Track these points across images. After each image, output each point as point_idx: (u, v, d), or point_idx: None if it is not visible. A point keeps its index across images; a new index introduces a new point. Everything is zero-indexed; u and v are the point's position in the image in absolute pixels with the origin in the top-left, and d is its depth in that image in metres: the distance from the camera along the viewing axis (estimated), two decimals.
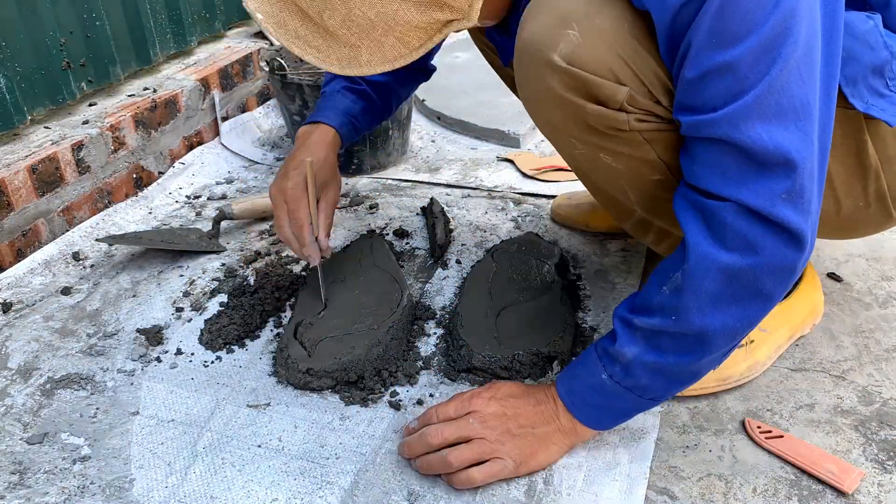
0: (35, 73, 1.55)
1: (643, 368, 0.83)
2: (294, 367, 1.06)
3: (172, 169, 1.76)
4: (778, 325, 1.09)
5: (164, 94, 1.74)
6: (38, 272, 1.37)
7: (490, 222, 1.51)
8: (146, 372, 1.12)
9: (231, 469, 0.94)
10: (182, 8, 1.93)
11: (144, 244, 1.41)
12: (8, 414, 1.04)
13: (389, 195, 1.65)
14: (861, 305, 1.22)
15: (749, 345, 1.05)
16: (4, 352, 1.17)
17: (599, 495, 0.88)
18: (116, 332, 1.21)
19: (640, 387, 0.85)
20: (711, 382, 1.03)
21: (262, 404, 1.04)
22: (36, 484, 0.93)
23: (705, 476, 0.92)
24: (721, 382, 1.03)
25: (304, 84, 1.62)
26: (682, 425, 1.00)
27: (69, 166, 1.50)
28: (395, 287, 1.23)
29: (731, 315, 0.79)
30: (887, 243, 1.38)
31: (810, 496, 0.88)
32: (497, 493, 0.89)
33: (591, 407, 0.89)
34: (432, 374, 1.09)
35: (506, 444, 0.88)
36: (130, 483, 0.92)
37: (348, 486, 0.91)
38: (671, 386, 0.86)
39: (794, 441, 0.95)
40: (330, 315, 1.16)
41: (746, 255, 0.77)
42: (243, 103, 2.03)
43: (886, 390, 1.04)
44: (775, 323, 1.08)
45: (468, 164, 1.79)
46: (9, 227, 1.39)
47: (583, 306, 1.23)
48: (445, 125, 2.01)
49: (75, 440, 0.99)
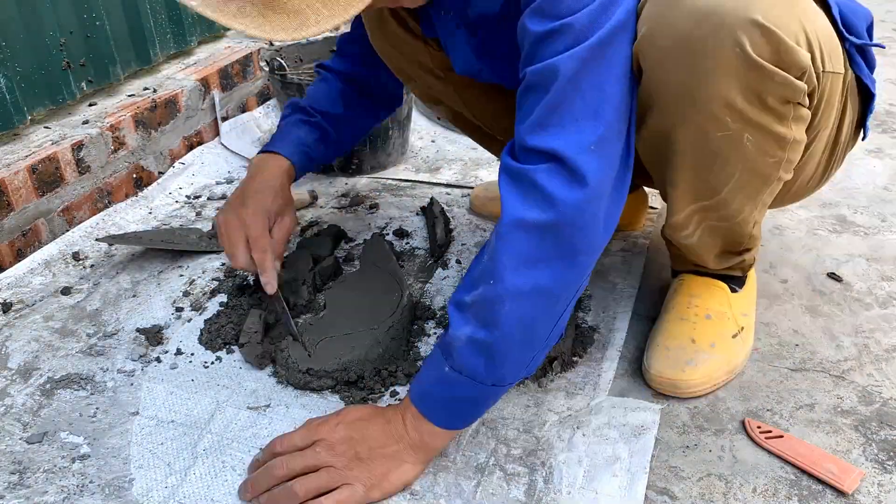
0: (35, 73, 1.55)
1: (475, 348, 0.82)
2: (294, 367, 1.06)
3: (172, 169, 1.76)
4: (750, 306, 1.14)
5: (164, 94, 1.74)
6: (38, 272, 1.37)
7: (490, 222, 1.51)
8: (146, 372, 1.11)
9: (231, 472, 0.93)
10: (182, 8, 1.93)
11: (144, 244, 1.42)
12: (8, 414, 1.04)
13: (389, 195, 1.65)
14: (861, 305, 1.22)
15: (741, 332, 1.08)
16: (4, 352, 1.17)
17: (600, 492, 0.88)
18: (116, 332, 1.21)
19: (478, 371, 0.83)
20: (722, 377, 1.04)
21: (263, 406, 1.04)
22: (35, 483, 0.93)
23: (705, 476, 0.92)
24: (729, 374, 1.05)
25: (305, 84, 1.62)
26: (682, 425, 1.00)
27: (69, 166, 1.49)
28: (395, 287, 1.23)
29: (543, 274, 0.80)
30: (887, 243, 1.38)
31: (810, 496, 0.88)
32: (497, 493, 0.89)
33: (440, 404, 0.86)
34: None
35: (353, 469, 0.86)
36: (130, 483, 0.92)
37: None
38: (507, 366, 0.83)
39: (793, 441, 0.95)
40: (330, 315, 1.16)
41: (547, 210, 0.79)
42: (243, 103, 2.03)
43: (886, 390, 1.04)
44: (748, 304, 1.13)
45: (468, 163, 1.79)
46: (9, 227, 1.39)
47: (583, 306, 1.23)
48: (445, 125, 2.01)
49: (74, 439, 0.99)
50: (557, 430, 0.98)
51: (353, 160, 1.74)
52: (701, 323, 1.08)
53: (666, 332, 1.08)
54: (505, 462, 0.93)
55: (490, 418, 1.00)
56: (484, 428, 0.99)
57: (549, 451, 0.95)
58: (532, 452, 0.95)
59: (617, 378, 1.08)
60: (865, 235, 1.41)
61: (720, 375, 1.04)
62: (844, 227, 1.45)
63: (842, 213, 1.49)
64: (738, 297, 1.12)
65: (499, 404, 1.02)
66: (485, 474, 0.92)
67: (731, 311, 1.10)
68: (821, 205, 1.52)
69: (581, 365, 1.10)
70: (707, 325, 1.07)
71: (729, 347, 1.06)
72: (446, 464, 0.93)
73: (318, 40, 1.89)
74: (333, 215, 1.56)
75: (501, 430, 0.98)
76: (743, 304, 1.12)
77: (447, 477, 0.92)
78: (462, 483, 0.91)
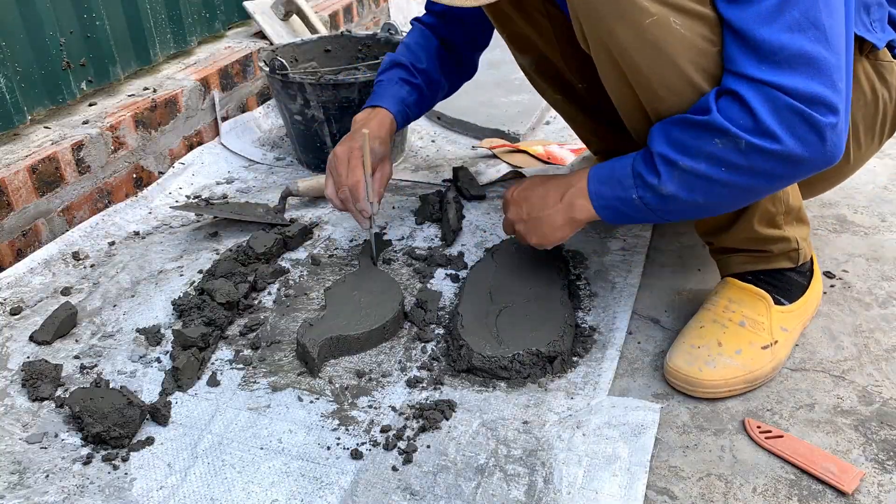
0: (35, 72, 1.55)
1: (675, 203, 0.95)
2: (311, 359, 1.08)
3: (172, 169, 1.75)
4: (795, 325, 1.11)
5: (164, 94, 1.73)
6: (38, 272, 1.37)
7: (490, 222, 1.51)
8: (146, 373, 1.11)
9: (231, 470, 0.94)
10: (182, 8, 1.93)
11: (216, 213, 1.52)
12: (8, 414, 1.04)
13: (389, 195, 1.65)
14: (861, 305, 1.22)
15: (774, 345, 1.06)
16: (4, 352, 1.17)
17: (600, 492, 0.88)
18: (116, 332, 1.21)
19: (665, 211, 0.97)
20: (739, 384, 1.03)
21: (263, 406, 1.04)
22: (35, 484, 0.93)
23: (705, 476, 0.92)
24: (749, 384, 1.04)
25: (306, 83, 1.62)
26: (682, 425, 1.00)
27: (69, 166, 1.49)
28: (395, 287, 1.23)
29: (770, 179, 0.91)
30: (887, 243, 1.38)
31: (810, 496, 0.88)
32: (497, 494, 0.89)
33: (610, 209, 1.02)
34: (432, 374, 1.09)
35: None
36: (130, 483, 0.92)
37: (348, 486, 0.91)
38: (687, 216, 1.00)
39: (793, 441, 0.95)
40: (330, 315, 1.16)
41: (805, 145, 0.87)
42: (243, 103, 2.03)
43: (886, 390, 1.04)
44: (794, 321, 1.11)
45: (468, 163, 1.79)
46: (9, 227, 1.39)
47: (583, 306, 1.23)
48: (445, 125, 2.01)
49: (74, 440, 0.99)
50: (557, 430, 0.98)
51: None
52: (732, 328, 1.07)
53: (696, 331, 1.08)
54: (505, 462, 0.93)
55: (490, 419, 1.00)
56: (484, 429, 0.99)
57: (549, 451, 0.95)
58: (532, 453, 0.95)
59: (617, 378, 1.08)
60: (865, 235, 1.41)
61: (737, 382, 1.03)
62: (844, 227, 1.45)
63: (842, 213, 1.49)
64: (781, 310, 1.09)
65: (499, 404, 1.02)
66: (485, 475, 0.92)
67: (769, 323, 1.07)
68: (821, 205, 1.52)
69: (581, 365, 1.10)
70: (739, 331, 1.06)
71: (755, 357, 1.04)
72: (446, 464, 0.93)
73: (312, 40, 1.89)
74: (333, 215, 1.56)
75: (501, 430, 0.98)
76: (786, 319, 1.09)
77: (447, 477, 0.92)
78: (462, 483, 0.91)
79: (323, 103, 1.65)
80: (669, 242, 1.41)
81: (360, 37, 1.91)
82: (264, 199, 1.64)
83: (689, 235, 1.41)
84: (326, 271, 1.36)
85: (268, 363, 1.12)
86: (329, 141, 1.71)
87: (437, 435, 0.98)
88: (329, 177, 1.29)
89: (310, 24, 2.21)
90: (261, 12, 2.16)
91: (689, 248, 1.38)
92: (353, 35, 1.91)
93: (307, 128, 1.71)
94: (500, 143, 1.84)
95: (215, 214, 1.52)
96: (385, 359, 1.12)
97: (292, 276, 1.34)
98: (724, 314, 1.09)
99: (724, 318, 1.08)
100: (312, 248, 1.44)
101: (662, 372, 1.07)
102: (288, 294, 1.29)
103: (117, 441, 0.97)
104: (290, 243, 1.42)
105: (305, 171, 1.79)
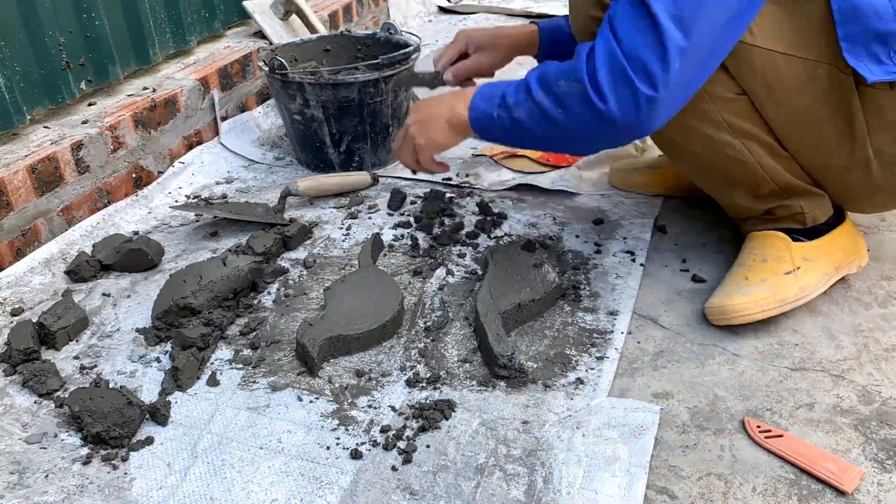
0: (35, 72, 1.55)
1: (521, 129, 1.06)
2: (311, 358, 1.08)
3: (172, 168, 1.75)
4: (820, 256, 1.19)
5: (164, 94, 1.73)
6: (38, 271, 1.37)
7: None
8: (146, 373, 1.11)
9: (231, 470, 0.94)
10: (181, 7, 1.93)
11: (215, 213, 1.51)
12: (7, 414, 1.04)
13: (386, 193, 1.64)
14: (861, 305, 1.22)
15: (796, 271, 1.16)
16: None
17: (599, 492, 0.88)
18: (115, 331, 1.21)
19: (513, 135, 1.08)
20: (771, 305, 1.12)
21: (262, 406, 1.04)
22: (35, 483, 0.93)
23: (705, 476, 0.92)
24: (780, 304, 1.13)
25: (305, 83, 1.62)
26: (681, 425, 1.00)
27: (68, 166, 1.49)
28: (395, 287, 1.23)
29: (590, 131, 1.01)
30: (887, 243, 1.38)
31: (810, 496, 0.88)
32: (496, 494, 0.89)
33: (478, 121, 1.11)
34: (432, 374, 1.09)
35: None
36: (130, 483, 0.92)
37: (348, 485, 0.91)
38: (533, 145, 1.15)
39: (793, 440, 0.95)
40: (330, 315, 1.16)
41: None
42: (243, 103, 2.03)
43: (886, 390, 1.04)
44: (817, 253, 1.19)
45: (468, 163, 1.79)
46: (8, 227, 1.39)
47: (583, 306, 1.23)
48: None
49: (74, 440, 0.99)
50: (557, 430, 0.98)
51: (354, 158, 1.74)
52: (756, 265, 1.18)
53: (726, 277, 1.20)
54: (505, 462, 0.93)
55: (490, 418, 1.00)
56: (483, 428, 0.99)
57: (549, 451, 0.95)
58: (532, 452, 0.95)
59: (617, 378, 1.08)
60: (865, 235, 1.41)
61: (769, 304, 1.12)
62: None
63: None
64: (800, 245, 1.19)
65: (498, 404, 1.02)
66: (484, 475, 0.92)
67: (790, 255, 1.17)
68: None
69: (581, 364, 1.10)
70: (762, 266, 1.17)
71: (780, 281, 1.14)
72: (446, 464, 0.93)
73: (311, 40, 1.89)
74: (333, 214, 1.56)
75: (501, 430, 0.98)
76: (807, 251, 1.18)
77: (447, 477, 0.92)
78: (462, 483, 0.91)
79: (322, 103, 1.65)
80: (669, 242, 1.41)
81: (359, 36, 1.91)
82: (264, 198, 1.64)
83: (690, 235, 1.41)
84: (326, 271, 1.36)
85: (267, 363, 1.12)
86: (328, 141, 1.71)
87: (437, 435, 0.98)
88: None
89: (309, 24, 2.20)
90: (260, 12, 2.15)
91: (689, 248, 1.39)
92: (353, 35, 1.91)
93: (307, 127, 1.71)
94: (500, 149, 1.84)
95: (215, 214, 1.52)
96: (385, 358, 1.13)
97: (292, 276, 1.34)
98: (748, 256, 1.20)
99: (749, 261, 1.20)
100: (312, 247, 1.44)
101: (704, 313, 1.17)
102: (287, 294, 1.29)
103: (117, 441, 0.97)
104: (289, 243, 1.42)
105: (305, 171, 1.79)
